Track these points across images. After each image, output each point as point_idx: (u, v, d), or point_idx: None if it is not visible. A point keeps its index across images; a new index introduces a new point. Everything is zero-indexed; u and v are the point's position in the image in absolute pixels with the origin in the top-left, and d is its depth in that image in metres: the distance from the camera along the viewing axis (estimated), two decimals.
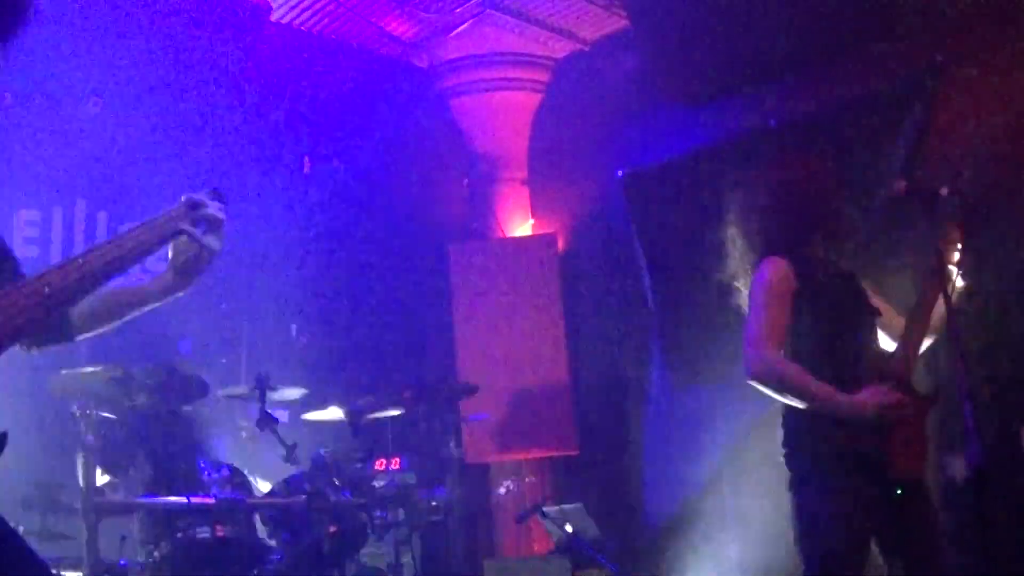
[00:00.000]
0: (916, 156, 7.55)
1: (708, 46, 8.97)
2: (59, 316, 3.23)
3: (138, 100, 8.73)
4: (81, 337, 3.39)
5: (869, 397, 4.78)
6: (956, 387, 4.39)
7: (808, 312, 5.04)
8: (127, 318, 3.44)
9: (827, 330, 5.03)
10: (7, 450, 2.81)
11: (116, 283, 3.28)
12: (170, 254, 3.34)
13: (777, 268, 5.09)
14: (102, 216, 8.71)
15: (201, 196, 3.29)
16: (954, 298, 4.71)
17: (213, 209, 3.29)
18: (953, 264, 4.98)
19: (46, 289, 2.86)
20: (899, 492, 4.83)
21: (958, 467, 6.25)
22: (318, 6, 9.65)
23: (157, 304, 3.43)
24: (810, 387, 4.85)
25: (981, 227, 5.67)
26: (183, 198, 3.27)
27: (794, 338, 5.03)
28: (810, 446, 4.97)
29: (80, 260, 2.98)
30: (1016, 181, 7.23)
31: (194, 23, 8.57)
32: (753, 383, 4.98)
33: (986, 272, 6.45)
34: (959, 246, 5.01)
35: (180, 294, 3.45)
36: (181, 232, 3.22)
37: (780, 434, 5.15)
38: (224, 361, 8.38)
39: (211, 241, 3.29)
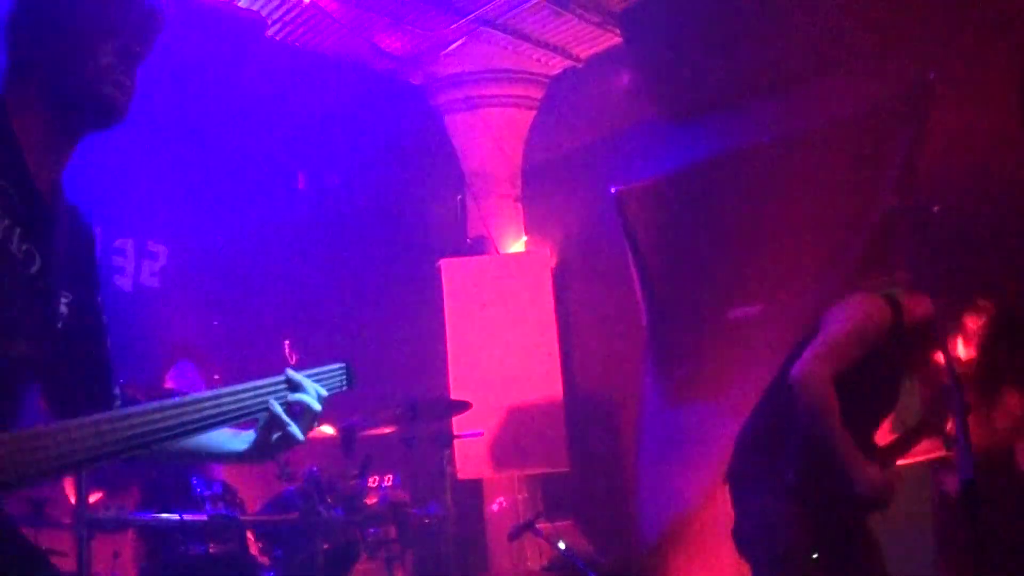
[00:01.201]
0: (907, 173, 7.56)
1: (701, 62, 9.00)
2: None
3: (130, 114, 8.72)
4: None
5: (880, 477, 4.73)
6: (948, 403, 4.39)
7: (872, 371, 4.86)
8: (190, 462, 3.05)
9: (873, 397, 4.93)
10: None
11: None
12: (260, 430, 3.01)
13: (882, 314, 4.90)
14: (96, 231, 8.70)
15: (300, 377, 2.98)
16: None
17: (309, 398, 2.97)
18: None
19: (127, 432, 2.59)
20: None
21: (951, 482, 6.26)
22: (313, 22, 9.67)
23: (225, 464, 3.08)
24: (838, 430, 4.69)
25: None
26: (286, 372, 2.98)
27: (843, 386, 4.79)
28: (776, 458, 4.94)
29: (160, 414, 2.62)
30: (1006, 197, 7.25)
31: (189, 38, 8.57)
32: (793, 385, 4.78)
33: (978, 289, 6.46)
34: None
35: (252, 463, 3.10)
36: (272, 414, 2.90)
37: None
38: (217, 377, 8.36)
39: (294, 430, 2.94)
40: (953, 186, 7.22)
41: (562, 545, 8.43)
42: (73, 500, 7.21)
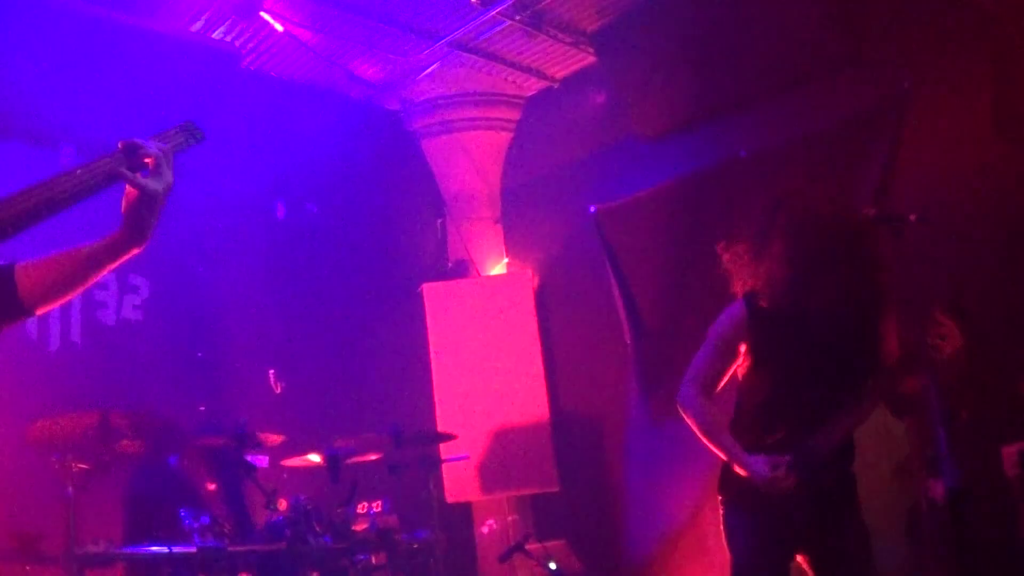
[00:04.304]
0: (885, 182, 7.60)
1: (675, 79, 9.04)
2: (7, 288, 3.15)
3: (110, 146, 8.73)
4: (41, 309, 3.23)
5: (762, 466, 4.92)
6: (930, 413, 4.42)
7: (755, 363, 5.18)
8: (86, 282, 3.23)
9: (766, 384, 5.14)
10: None
11: (67, 249, 3.19)
12: (122, 207, 3.12)
13: (731, 316, 5.23)
14: None
15: (138, 140, 3.13)
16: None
17: (152, 148, 3.12)
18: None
19: None
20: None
21: (938, 489, 6.28)
22: (287, 51, 9.69)
23: (113, 264, 3.20)
24: (712, 436, 5.12)
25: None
26: (120, 143, 3.11)
27: (743, 387, 5.24)
28: (723, 479, 5.20)
29: (8, 199, 2.92)
30: (982, 205, 7.29)
31: (165, 72, 8.58)
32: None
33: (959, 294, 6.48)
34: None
35: (136, 250, 3.17)
36: (116, 176, 3.05)
37: None
38: (203, 409, 8.36)
39: (150, 183, 3.06)
40: (931, 194, 7.26)
41: (553, 565, 8.44)
42: None
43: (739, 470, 5.01)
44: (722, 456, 5.10)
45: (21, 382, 7.60)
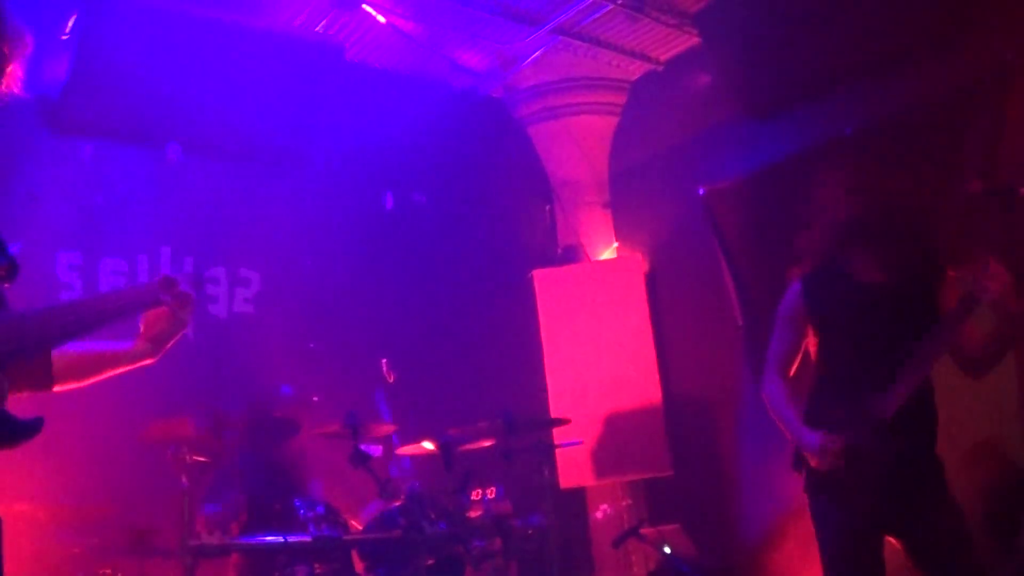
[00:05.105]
0: (991, 155, 7.46)
1: (780, 57, 8.93)
2: (44, 364, 3.54)
3: (217, 143, 8.82)
4: (58, 388, 3.64)
5: (816, 441, 5.04)
6: None
7: (817, 340, 5.36)
8: (100, 377, 3.76)
9: (827, 359, 5.31)
10: (103, 496, 3.05)
11: (94, 344, 3.69)
12: (142, 326, 3.74)
13: (788, 295, 5.53)
14: (188, 261, 8.79)
15: (174, 276, 3.69)
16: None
17: (185, 287, 3.70)
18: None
19: (34, 326, 3.31)
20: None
21: None
22: (390, 43, 9.73)
23: (127, 368, 3.78)
24: (777, 411, 5.32)
25: None
26: (161, 276, 3.70)
27: (813, 364, 5.41)
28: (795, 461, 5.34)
29: (63, 310, 3.48)
30: None
31: (272, 69, 8.67)
32: None
33: None
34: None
35: (150, 362, 3.82)
36: (160, 302, 3.64)
37: None
38: (316, 399, 8.43)
39: (183, 314, 3.71)
40: None
41: (667, 550, 8.41)
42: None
43: (795, 443, 5.17)
44: (785, 431, 5.23)
45: (135, 379, 7.72)
